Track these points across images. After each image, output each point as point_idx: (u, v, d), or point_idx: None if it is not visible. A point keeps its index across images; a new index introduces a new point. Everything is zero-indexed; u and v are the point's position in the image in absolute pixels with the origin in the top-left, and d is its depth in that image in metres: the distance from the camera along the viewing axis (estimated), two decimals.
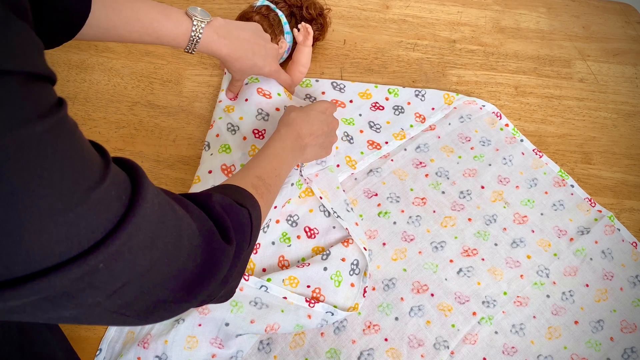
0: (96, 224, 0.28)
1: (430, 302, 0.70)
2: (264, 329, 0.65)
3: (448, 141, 0.84)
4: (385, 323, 0.68)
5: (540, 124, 0.89)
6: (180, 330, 0.64)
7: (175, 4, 0.97)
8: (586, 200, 0.81)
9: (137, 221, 0.30)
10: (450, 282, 0.72)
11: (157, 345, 0.63)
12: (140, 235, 0.31)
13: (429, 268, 0.73)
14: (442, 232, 0.76)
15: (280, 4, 0.84)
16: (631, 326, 0.71)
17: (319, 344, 0.67)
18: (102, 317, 0.34)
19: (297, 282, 0.68)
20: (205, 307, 0.65)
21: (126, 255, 0.30)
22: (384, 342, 0.67)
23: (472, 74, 0.93)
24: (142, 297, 0.34)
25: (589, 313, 0.72)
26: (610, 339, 0.70)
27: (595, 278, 0.74)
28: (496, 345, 0.69)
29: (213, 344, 0.64)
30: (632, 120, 0.90)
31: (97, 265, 0.28)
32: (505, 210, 0.79)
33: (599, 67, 0.97)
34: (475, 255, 0.74)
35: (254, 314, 0.66)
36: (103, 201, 0.29)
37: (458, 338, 0.68)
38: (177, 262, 0.36)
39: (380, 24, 0.98)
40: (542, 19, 1.03)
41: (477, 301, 0.71)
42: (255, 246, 0.69)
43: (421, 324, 0.69)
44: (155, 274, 0.34)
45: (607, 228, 0.78)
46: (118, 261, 0.30)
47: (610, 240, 0.77)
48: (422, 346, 0.67)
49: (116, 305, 0.33)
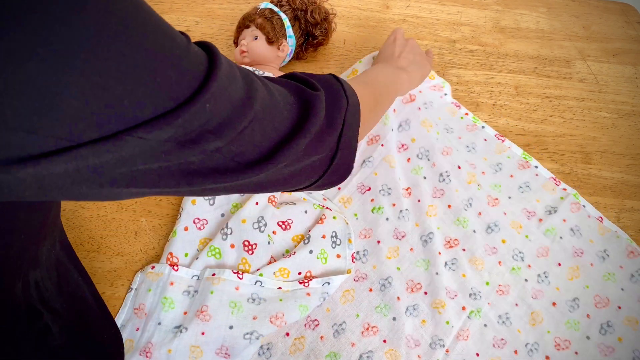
0: (193, 72, 0.32)
1: (425, 301, 0.70)
2: (269, 321, 0.65)
3: (427, 115, 0.84)
4: (383, 324, 0.68)
5: (540, 124, 0.89)
6: (183, 339, 0.63)
7: (176, 3, 0.97)
8: (551, 179, 0.81)
9: (223, 70, 0.34)
10: (440, 276, 0.72)
11: (160, 354, 0.62)
12: (231, 83, 0.35)
13: (420, 265, 0.73)
14: (428, 222, 0.75)
15: (284, 7, 0.84)
16: (604, 301, 0.72)
17: (318, 347, 0.67)
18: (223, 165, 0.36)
19: (288, 272, 0.69)
20: (207, 314, 0.64)
21: (225, 101, 0.34)
22: (383, 344, 0.67)
23: (472, 74, 0.93)
24: (257, 146, 0.38)
25: (565, 293, 0.72)
26: (587, 316, 0.71)
27: (566, 256, 0.75)
28: (487, 339, 0.69)
29: (219, 354, 0.64)
30: (632, 120, 0.90)
31: (204, 105, 0.32)
32: (479, 192, 0.79)
33: (599, 67, 0.97)
34: (457, 245, 0.74)
35: (254, 310, 0.66)
36: (196, 54, 0.33)
37: (452, 335, 0.68)
38: (278, 114, 0.40)
39: (380, 24, 0.98)
40: (542, 19, 1.03)
41: (465, 295, 0.71)
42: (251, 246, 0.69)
43: (417, 324, 0.69)
44: (260, 125, 0.38)
45: (573, 206, 0.79)
46: (219, 104, 0.33)
47: (577, 218, 0.78)
48: (418, 346, 0.67)
49: (233, 152, 0.36)
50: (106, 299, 0.68)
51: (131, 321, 0.66)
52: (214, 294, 0.66)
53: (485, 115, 0.89)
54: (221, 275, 0.67)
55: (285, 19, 0.83)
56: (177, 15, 0.96)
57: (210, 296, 0.65)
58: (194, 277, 0.69)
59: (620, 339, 0.70)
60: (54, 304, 0.51)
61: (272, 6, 0.84)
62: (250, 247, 0.69)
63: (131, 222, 0.74)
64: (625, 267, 0.75)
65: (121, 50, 0.26)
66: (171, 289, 0.67)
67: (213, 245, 0.70)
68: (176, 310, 0.66)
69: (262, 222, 0.71)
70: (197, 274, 0.69)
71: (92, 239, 0.73)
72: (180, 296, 0.67)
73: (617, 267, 0.75)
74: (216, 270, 0.68)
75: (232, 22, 0.92)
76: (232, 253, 0.70)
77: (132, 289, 0.69)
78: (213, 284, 0.66)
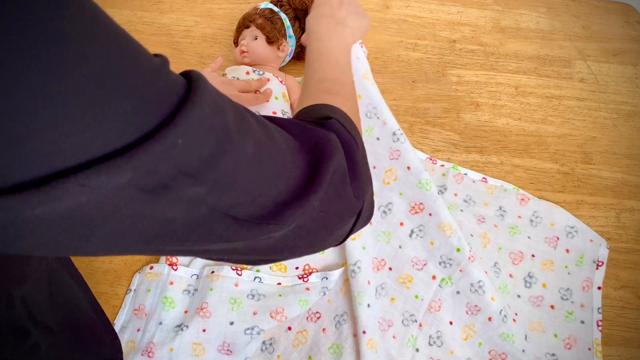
0: (165, 98, 0.26)
1: (390, 277, 0.68)
2: (269, 316, 0.65)
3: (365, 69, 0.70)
4: (361, 312, 0.65)
5: (540, 124, 0.89)
6: (184, 337, 0.63)
7: (176, 3, 0.97)
8: (427, 159, 0.81)
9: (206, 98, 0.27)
10: (404, 249, 0.70)
11: (162, 353, 0.62)
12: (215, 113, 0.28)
13: (381, 239, 0.70)
14: (385, 190, 0.71)
15: (284, 7, 0.84)
16: (518, 255, 0.74)
17: (321, 340, 0.66)
18: (214, 222, 0.29)
19: (285, 266, 0.70)
20: (207, 310, 0.65)
21: (205, 134, 0.27)
22: (363, 335, 0.65)
23: (472, 74, 0.93)
24: (252, 196, 0.31)
25: (486, 261, 0.73)
26: (510, 275, 0.73)
27: (472, 226, 0.76)
28: (460, 307, 0.68)
29: (221, 351, 0.64)
30: (633, 120, 0.90)
31: (175, 140, 0.25)
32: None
33: (599, 67, 0.97)
34: (423, 210, 0.71)
35: (254, 305, 0.66)
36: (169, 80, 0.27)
37: (423, 308, 0.67)
38: (279, 160, 0.33)
39: (381, 24, 0.98)
40: (542, 19, 1.03)
41: (434, 262, 0.69)
42: None
43: (386, 303, 0.66)
44: (256, 171, 0.31)
45: (456, 178, 0.80)
46: (196, 139, 0.26)
47: (464, 188, 0.79)
48: (391, 327, 0.66)
49: (224, 203, 0.29)
50: (106, 299, 0.68)
51: (132, 322, 0.66)
52: (214, 290, 0.66)
53: (486, 115, 0.89)
54: (220, 272, 0.67)
55: (286, 19, 0.83)
56: (177, 15, 0.96)
57: (210, 293, 0.66)
58: (193, 276, 0.69)
59: (545, 285, 0.72)
60: (44, 318, 0.48)
61: (272, 6, 0.83)
62: None
63: None
64: (523, 216, 0.77)
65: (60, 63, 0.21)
66: (171, 289, 0.67)
67: None
68: (177, 310, 0.66)
69: None
70: (197, 273, 0.69)
71: None
72: (180, 295, 0.67)
73: (516, 218, 0.77)
74: (215, 267, 0.68)
75: (232, 22, 0.92)
76: None
77: (130, 290, 0.69)
78: (212, 281, 0.67)
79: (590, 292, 0.72)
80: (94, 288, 0.69)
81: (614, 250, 0.77)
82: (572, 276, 0.73)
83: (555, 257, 0.74)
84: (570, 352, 0.68)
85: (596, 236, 0.76)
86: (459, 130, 0.87)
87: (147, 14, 0.96)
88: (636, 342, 0.71)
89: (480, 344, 0.66)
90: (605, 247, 0.76)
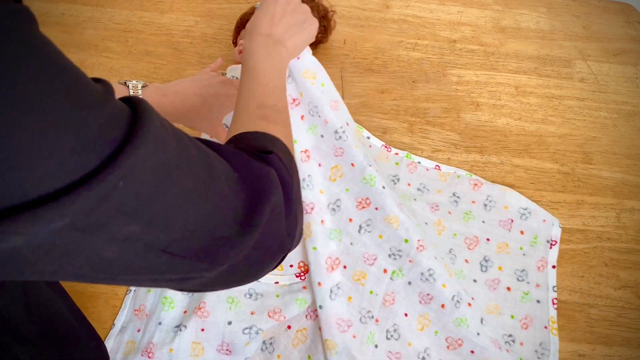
0: (106, 136, 0.25)
1: (345, 275, 0.68)
2: (267, 315, 0.65)
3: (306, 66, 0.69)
4: (320, 312, 0.65)
5: (540, 124, 0.89)
6: (183, 337, 0.63)
7: (176, 3, 0.97)
8: (383, 147, 0.81)
9: (149, 136, 0.27)
10: (355, 245, 0.69)
11: (162, 354, 0.62)
12: (158, 149, 0.28)
13: (334, 237, 0.69)
14: (333, 187, 0.70)
15: None
16: (474, 240, 0.75)
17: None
18: (149, 258, 0.29)
19: (280, 265, 0.68)
20: (205, 310, 0.65)
21: (147, 173, 0.27)
22: (314, 342, 0.65)
23: (472, 73, 0.93)
24: (189, 232, 0.30)
25: (442, 247, 0.74)
26: (466, 261, 0.73)
27: (427, 213, 0.76)
28: (413, 297, 0.68)
29: (220, 351, 0.64)
30: (633, 120, 0.90)
31: (117, 182, 0.24)
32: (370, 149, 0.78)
33: (600, 67, 0.97)
34: (369, 205, 0.70)
35: (252, 305, 0.66)
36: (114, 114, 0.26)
37: (378, 303, 0.67)
38: (217, 194, 0.33)
39: (381, 23, 0.98)
40: (542, 18, 1.03)
41: (384, 256, 0.69)
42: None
43: (343, 303, 0.66)
44: (193, 206, 0.31)
45: (410, 167, 0.80)
46: (137, 179, 0.26)
47: (418, 176, 0.80)
48: (351, 327, 0.65)
49: (160, 240, 0.29)
50: (106, 299, 0.68)
51: (132, 322, 0.66)
52: None
53: (486, 115, 0.89)
54: None
55: None
56: (177, 15, 0.96)
57: (207, 293, 0.66)
58: None
59: (500, 268, 0.73)
60: (23, 330, 0.47)
61: None
62: None
63: None
64: (477, 201, 0.78)
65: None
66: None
67: None
68: (176, 310, 0.66)
69: None
70: None
71: None
72: (179, 295, 0.67)
73: (469, 203, 0.77)
74: None
75: (232, 22, 0.92)
76: None
77: (130, 291, 0.69)
78: None
79: (545, 271, 0.73)
80: (94, 288, 0.69)
81: (614, 250, 0.77)
82: (527, 257, 0.74)
83: (510, 240, 0.75)
84: (527, 332, 0.69)
85: (549, 216, 0.77)
86: (459, 130, 0.87)
87: (147, 14, 0.96)
88: (636, 342, 0.71)
89: (437, 332, 0.67)
90: (558, 226, 0.77)
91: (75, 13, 0.94)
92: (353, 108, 0.87)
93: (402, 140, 0.85)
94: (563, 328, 0.71)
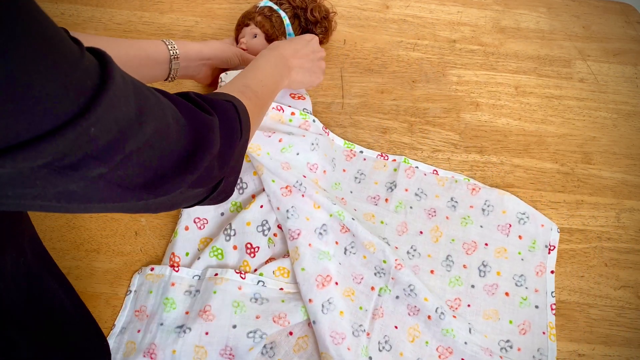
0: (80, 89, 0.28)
1: (337, 291, 0.68)
2: (272, 320, 0.65)
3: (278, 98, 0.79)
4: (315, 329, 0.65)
5: (540, 124, 0.89)
6: (187, 339, 0.63)
7: (176, 3, 0.97)
8: (379, 157, 0.82)
9: (114, 89, 0.31)
10: (343, 265, 0.71)
11: (164, 355, 0.62)
12: (121, 102, 0.32)
13: (323, 258, 0.70)
14: (317, 213, 0.72)
15: (284, 5, 0.84)
16: (472, 245, 0.75)
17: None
18: (106, 191, 0.34)
19: (288, 271, 0.69)
20: (210, 313, 0.64)
21: (112, 123, 0.31)
22: (315, 349, 0.66)
23: (472, 73, 0.93)
24: (143, 169, 0.36)
25: (439, 255, 0.74)
26: (464, 267, 0.73)
27: (424, 222, 0.76)
28: (402, 310, 0.69)
29: (223, 355, 0.64)
30: (633, 120, 0.90)
31: (89, 128, 0.28)
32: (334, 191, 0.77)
33: (599, 67, 0.97)
34: (348, 232, 0.72)
35: (257, 309, 0.66)
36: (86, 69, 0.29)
37: (368, 317, 0.68)
38: (169, 139, 0.38)
39: (381, 24, 0.98)
40: (542, 18, 1.03)
41: (370, 274, 0.70)
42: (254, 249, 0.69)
43: (336, 317, 0.66)
44: (149, 149, 0.35)
45: (407, 172, 0.80)
46: (106, 125, 0.30)
47: (416, 182, 0.80)
48: (345, 339, 0.65)
49: (118, 176, 0.33)
50: (106, 299, 0.68)
51: (132, 323, 0.66)
52: (217, 293, 0.66)
53: (485, 115, 0.89)
54: (224, 275, 0.67)
55: (285, 17, 0.83)
56: (177, 15, 0.96)
57: (213, 296, 0.65)
58: (195, 276, 0.69)
59: (499, 273, 0.73)
60: (20, 317, 0.48)
61: (272, 4, 0.83)
62: (252, 250, 0.69)
63: (131, 222, 0.74)
64: (475, 205, 0.78)
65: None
66: (172, 290, 0.67)
67: (215, 245, 0.70)
68: (178, 311, 0.66)
69: (267, 225, 0.71)
70: (199, 274, 0.69)
71: (92, 239, 0.73)
72: (181, 296, 0.67)
73: (467, 208, 0.77)
74: (219, 270, 0.68)
75: (232, 22, 0.92)
76: (234, 255, 0.70)
77: (130, 291, 0.69)
78: (216, 284, 0.66)
79: (543, 276, 0.73)
80: (94, 288, 0.69)
81: (614, 250, 0.77)
82: (525, 262, 0.74)
83: (508, 244, 0.75)
84: (525, 337, 0.69)
85: (547, 221, 0.77)
86: (459, 130, 0.87)
87: (147, 14, 0.96)
88: (636, 342, 0.71)
89: (427, 342, 0.67)
90: (556, 231, 0.77)
91: (75, 13, 0.94)
92: (353, 108, 0.88)
93: (402, 140, 0.85)
94: (563, 328, 0.71)
